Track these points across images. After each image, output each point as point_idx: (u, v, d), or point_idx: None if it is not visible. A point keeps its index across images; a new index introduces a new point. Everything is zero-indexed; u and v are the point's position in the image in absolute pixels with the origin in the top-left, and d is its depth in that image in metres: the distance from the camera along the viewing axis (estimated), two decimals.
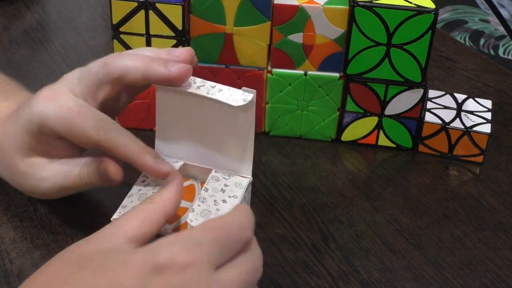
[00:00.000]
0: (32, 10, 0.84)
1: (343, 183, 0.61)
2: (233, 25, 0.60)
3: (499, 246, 0.55)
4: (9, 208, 0.55)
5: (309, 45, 0.61)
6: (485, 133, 0.62)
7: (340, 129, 0.64)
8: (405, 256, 0.54)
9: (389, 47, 0.59)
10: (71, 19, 0.82)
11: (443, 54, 0.79)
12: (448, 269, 0.53)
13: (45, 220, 0.54)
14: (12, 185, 0.53)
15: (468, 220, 0.57)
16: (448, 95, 0.66)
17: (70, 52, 0.76)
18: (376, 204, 0.58)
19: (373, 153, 0.65)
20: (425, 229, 0.56)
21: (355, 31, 0.59)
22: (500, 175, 0.62)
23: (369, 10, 0.58)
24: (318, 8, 0.59)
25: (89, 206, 0.56)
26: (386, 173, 0.62)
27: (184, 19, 0.59)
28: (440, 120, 0.63)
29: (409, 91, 0.61)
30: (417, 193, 0.60)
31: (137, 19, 0.59)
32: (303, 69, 0.62)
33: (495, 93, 0.73)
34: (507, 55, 1.82)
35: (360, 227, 0.56)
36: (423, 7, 0.57)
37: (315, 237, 0.55)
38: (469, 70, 0.77)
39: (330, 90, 0.62)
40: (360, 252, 0.54)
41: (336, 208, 0.58)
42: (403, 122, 0.63)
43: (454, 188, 0.61)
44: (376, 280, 0.51)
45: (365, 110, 0.63)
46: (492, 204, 0.59)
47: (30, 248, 0.52)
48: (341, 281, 0.51)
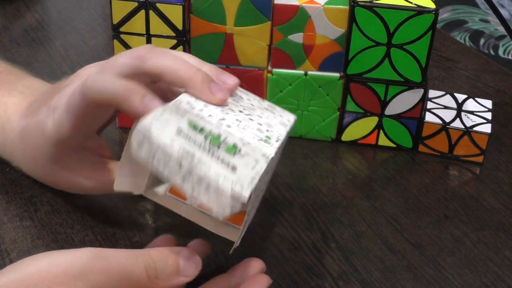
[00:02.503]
0: (32, 10, 0.84)
1: (343, 183, 0.61)
2: (233, 25, 0.60)
3: (499, 246, 0.55)
4: (9, 208, 0.55)
5: (309, 45, 0.61)
6: (485, 133, 0.62)
7: (340, 129, 0.64)
8: (405, 256, 0.54)
9: (389, 47, 0.59)
10: (71, 19, 0.82)
11: (443, 54, 0.79)
12: (448, 269, 0.53)
13: (46, 220, 0.54)
14: None
15: (468, 220, 0.57)
16: (448, 95, 0.66)
17: (70, 52, 0.76)
18: (376, 204, 0.58)
19: (373, 153, 0.65)
20: (425, 229, 0.56)
21: (355, 31, 0.59)
22: (500, 175, 0.62)
23: (369, 10, 0.58)
24: (318, 8, 0.59)
25: (89, 206, 0.56)
26: (386, 173, 0.62)
27: (185, 19, 0.59)
28: (440, 120, 0.63)
29: (409, 91, 0.61)
30: (417, 193, 0.60)
31: (137, 19, 0.59)
32: (303, 69, 0.62)
33: (495, 93, 0.73)
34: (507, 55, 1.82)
35: (360, 227, 0.56)
36: (423, 7, 0.57)
37: (315, 237, 0.55)
38: (469, 70, 0.77)
39: (330, 90, 0.62)
40: (360, 252, 0.54)
41: (336, 208, 0.58)
42: (403, 122, 0.63)
43: (454, 188, 0.61)
44: (376, 280, 0.51)
45: (365, 110, 0.63)
46: (492, 204, 0.59)
47: (30, 248, 0.52)
48: (341, 281, 0.51)
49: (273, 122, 0.47)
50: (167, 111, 0.42)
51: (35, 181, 0.57)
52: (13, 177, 0.58)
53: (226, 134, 0.42)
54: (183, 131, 0.41)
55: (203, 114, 0.43)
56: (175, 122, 0.41)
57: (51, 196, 0.56)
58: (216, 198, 0.40)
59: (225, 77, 0.47)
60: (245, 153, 0.42)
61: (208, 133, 0.42)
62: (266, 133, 0.45)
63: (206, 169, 0.39)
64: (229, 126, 0.43)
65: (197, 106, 0.44)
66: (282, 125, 0.47)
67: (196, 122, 0.42)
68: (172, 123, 0.41)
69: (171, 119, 0.41)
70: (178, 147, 0.40)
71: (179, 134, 0.41)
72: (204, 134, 0.41)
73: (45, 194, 0.56)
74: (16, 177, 0.58)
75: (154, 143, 0.40)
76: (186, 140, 0.40)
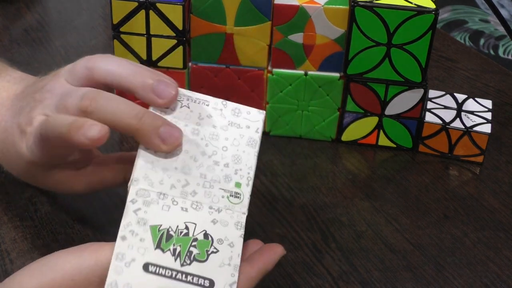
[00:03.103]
0: (32, 10, 0.84)
1: (343, 183, 0.61)
2: (234, 25, 0.60)
3: (499, 246, 0.55)
4: (9, 208, 0.55)
5: (309, 45, 0.61)
6: (485, 133, 0.62)
7: (340, 129, 0.64)
8: (405, 256, 0.54)
9: (389, 47, 0.59)
10: (71, 19, 0.82)
11: (443, 54, 0.79)
12: (448, 269, 0.53)
13: (46, 220, 0.55)
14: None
15: (468, 220, 0.57)
16: (448, 95, 0.66)
17: (70, 52, 0.76)
18: (376, 204, 0.58)
19: (373, 153, 0.65)
20: (425, 229, 0.56)
21: (356, 31, 0.59)
22: (500, 175, 0.62)
23: (369, 10, 0.58)
24: (318, 8, 0.59)
25: (89, 206, 0.56)
26: (386, 173, 0.62)
27: (185, 19, 0.59)
28: (440, 120, 0.63)
29: (409, 91, 0.61)
30: (417, 193, 0.60)
31: (138, 19, 0.59)
32: (303, 69, 0.62)
33: (495, 93, 0.73)
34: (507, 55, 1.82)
35: (360, 227, 0.56)
36: (423, 7, 0.57)
37: (315, 237, 0.55)
38: (469, 70, 0.77)
39: (330, 90, 0.62)
40: (360, 252, 0.54)
41: (336, 208, 0.58)
42: (403, 122, 0.63)
43: (454, 188, 0.61)
44: (376, 280, 0.51)
45: (365, 110, 0.63)
46: (492, 204, 0.59)
47: (31, 248, 0.52)
48: (341, 281, 0.51)
49: (240, 149, 0.45)
50: (131, 226, 0.41)
51: None
52: (13, 177, 0.58)
53: (193, 220, 0.41)
54: (150, 264, 0.40)
55: (163, 192, 0.42)
56: (139, 256, 0.40)
57: (51, 196, 0.56)
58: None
59: (163, 87, 0.45)
60: (217, 246, 0.41)
61: (177, 239, 0.41)
62: (235, 177, 0.44)
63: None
64: (194, 194, 0.42)
65: (155, 181, 0.42)
66: (250, 146, 0.45)
67: (158, 228, 0.41)
68: (137, 257, 0.40)
69: (133, 253, 0.40)
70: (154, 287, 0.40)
71: (147, 271, 0.40)
72: (171, 246, 0.41)
73: (45, 194, 0.56)
74: (16, 177, 0.58)
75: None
76: (157, 275, 0.40)
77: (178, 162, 0.43)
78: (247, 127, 0.46)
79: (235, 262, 0.41)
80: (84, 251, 0.41)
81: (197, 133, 0.45)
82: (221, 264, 0.41)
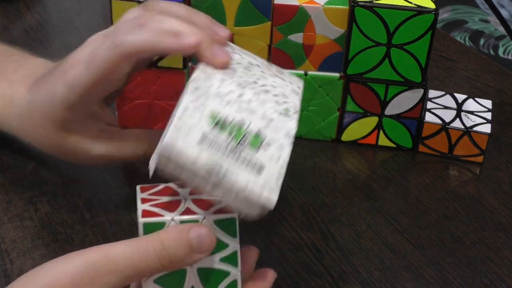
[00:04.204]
0: (32, 10, 0.84)
1: (343, 183, 0.61)
2: (234, 25, 0.60)
3: (499, 246, 0.55)
4: (9, 208, 0.55)
5: (309, 45, 0.61)
6: (485, 133, 0.62)
7: (340, 129, 0.64)
8: (405, 256, 0.54)
9: (389, 47, 0.59)
10: (71, 19, 0.82)
11: (443, 54, 0.79)
12: (448, 269, 0.53)
13: (46, 220, 0.55)
14: None
15: (468, 220, 0.57)
16: (448, 95, 0.66)
17: (70, 52, 0.76)
18: (376, 204, 0.58)
19: (373, 153, 0.65)
20: (425, 229, 0.56)
21: (355, 31, 0.59)
22: (500, 175, 0.62)
23: (369, 10, 0.58)
24: (318, 8, 0.59)
25: (89, 206, 0.56)
26: (386, 173, 0.62)
27: None
28: (440, 120, 0.63)
29: (409, 91, 0.61)
30: (417, 193, 0.60)
31: None
32: (303, 69, 0.62)
33: (495, 93, 0.73)
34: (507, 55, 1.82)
35: (360, 227, 0.56)
36: (423, 7, 0.57)
37: (315, 237, 0.55)
38: (469, 70, 0.77)
39: (330, 90, 0.62)
40: (360, 252, 0.54)
41: (336, 208, 0.58)
42: (403, 122, 0.63)
43: (454, 188, 0.61)
44: (376, 280, 0.51)
45: (365, 110, 0.63)
46: (492, 204, 0.59)
47: (31, 248, 0.52)
48: (341, 281, 0.51)
49: (286, 91, 0.47)
50: (188, 111, 0.42)
51: (35, 181, 0.57)
52: (13, 177, 0.58)
53: (248, 118, 0.43)
54: (207, 136, 0.41)
55: (222, 92, 0.43)
56: (198, 127, 0.41)
57: (51, 196, 0.56)
58: (245, 205, 0.41)
59: (218, 29, 0.49)
60: (269, 141, 0.42)
61: (232, 127, 0.42)
62: (284, 105, 0.45)
63: (234, 178, 0.40)
64: (249, 102, 0.44)
65: (214, 82, 0.44)
66: (294, 93, 0.47)
67: (217, 112, 0.42)
68: (195, 128, 0.41)
69: (193, 123, 0.41)
70: (204, 161, 0.40)
71: (203, 142, 0.41)
72: (227, 130, 0.42)
73: (45, 194, 0.56)
74: (16, 177, 0.58)
75: (179, 164, 0.40)
76: (211, 148, 0.41)
77: (235, 79, 0.45)
78: (290, 83, 0.48)
79: (283, 162, 0.42)
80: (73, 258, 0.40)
81: (250, 70, 0.46)
82: (271, 158, 0.42)
